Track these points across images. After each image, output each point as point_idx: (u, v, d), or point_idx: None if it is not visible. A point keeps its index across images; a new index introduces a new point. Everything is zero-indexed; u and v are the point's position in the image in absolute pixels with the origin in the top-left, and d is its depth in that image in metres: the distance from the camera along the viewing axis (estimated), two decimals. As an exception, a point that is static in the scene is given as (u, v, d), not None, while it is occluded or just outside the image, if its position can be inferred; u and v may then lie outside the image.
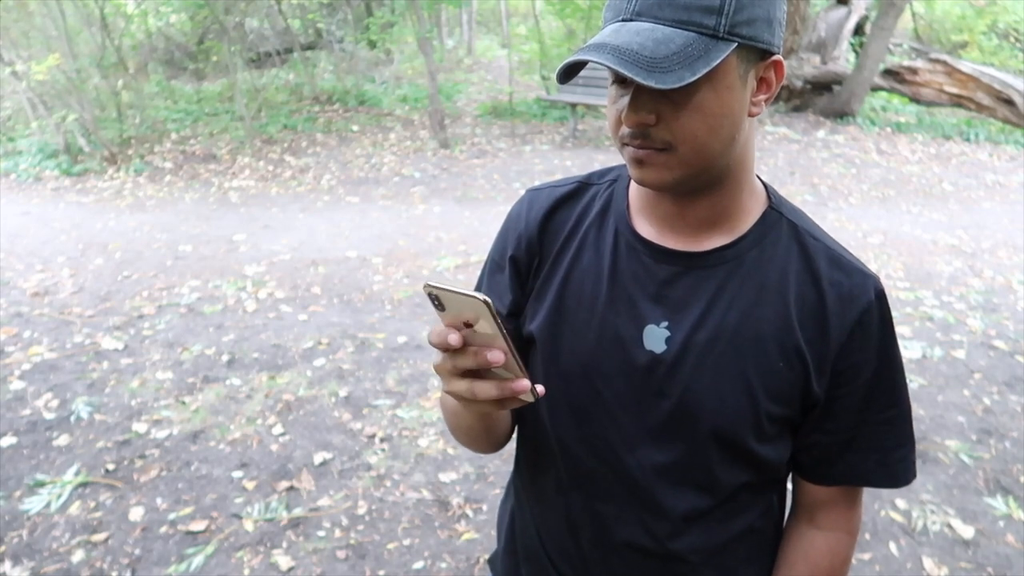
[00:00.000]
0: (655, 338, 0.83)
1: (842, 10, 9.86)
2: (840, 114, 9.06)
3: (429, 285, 0.65)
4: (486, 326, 0.65)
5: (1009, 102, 8.45)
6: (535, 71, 10.99)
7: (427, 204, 6.47)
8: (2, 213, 6.24)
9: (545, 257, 0.90)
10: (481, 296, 0.63)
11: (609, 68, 0.69)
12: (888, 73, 9.13)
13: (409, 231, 5.68)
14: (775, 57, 0.75)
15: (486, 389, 0.68)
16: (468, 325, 0.67)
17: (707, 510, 0.86)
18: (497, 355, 0.66)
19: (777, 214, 0.85)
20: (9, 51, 8.17)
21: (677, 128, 0.72)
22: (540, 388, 0.69)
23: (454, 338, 0.66)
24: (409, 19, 9.80)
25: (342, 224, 5.88)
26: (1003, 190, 6.97)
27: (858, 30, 10.31)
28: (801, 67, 9.32)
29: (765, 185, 0.88)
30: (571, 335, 0.87)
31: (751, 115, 0.77)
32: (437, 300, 0.66)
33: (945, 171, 7.55)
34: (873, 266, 4.86)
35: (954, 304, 4.28)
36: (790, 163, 7.60)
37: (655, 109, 0.72)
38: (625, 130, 0.76)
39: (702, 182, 0.79)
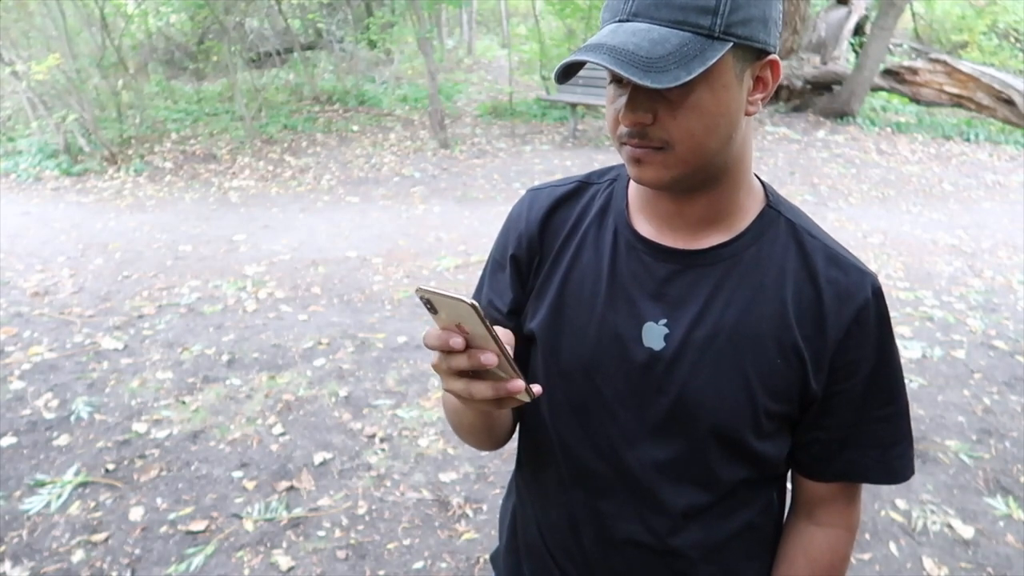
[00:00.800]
0: (654, 336, 0.83)
1: (842, 10, 9.87)
2: (840, 114, 9.06)
3: (421, 289, 0.67)
4: (476, 328, 0.67)
5: (1009, 102, 8.45)
6: (535, 71, 11.00)
7: (427, 204, 6.47)
8: (2, 213, 6.24)
9: (545, 256, 0.91)
10: (469, 300, 0.64)
11: (606, 68, 0.70)
12: (888, 73, 9.13)
13: (409, 231, 5.69)
14: (771, 56, 0.76)
15: (482, 389, 0.69)
16: (460, 328, 0.68)
17: (707, 506, 0.86)
18: (490, 357, 0.67)
19: (775, 212, 0.85)
20: (9, 51, 8.16)
21: (674, 127, 0.73)
22: (537, 388, 0.70)
23: (457, 340, 0.67)
24: (409, 19, 9.80)
25: (342, 224, 5.88)
26: (1003, 190, 6.97)
27: (858, 30, 10.32)
28: (801, 67, 9.32)
29: (763, 184, 0.88)
30: (571, 333, 0.87)
31: (748, 114, 0.77)
32: (429, 303, 0.68)
33: (945, 171, 7.55)
34: (873, 266, 4.86)
35: (954, 304, 4.28)
36: (790, 163, 7.61)
37: (652, 108, 0.73)
38: (623, 129, 0.76)
39: (699, 180, 0.79)
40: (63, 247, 5.37)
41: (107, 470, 2.75)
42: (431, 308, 0.68)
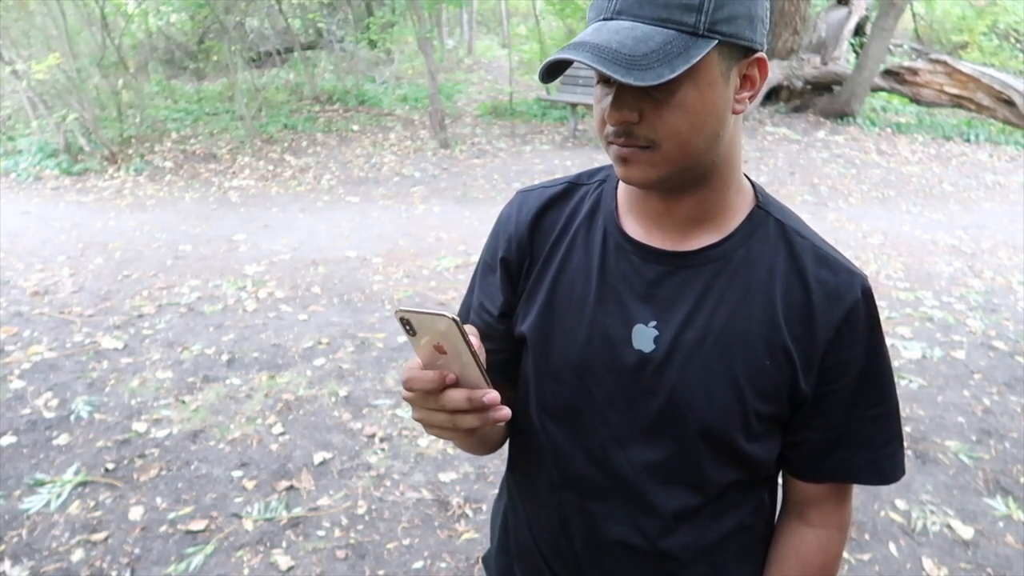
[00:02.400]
0: (644, 337, 0.83)
1: (842, 10, 9.86)
2: (840, 114, 9.06)
3: (400, 310, 0.66)
4: (456, 344, 0.66)
5: (1009, 103, 8.44)
6: (535, 71, 10.99)
7: (427, 204, 6.47)
8: (2, 213, 6.25)
9: (535, 258, 0.91)
10: (450, 314, 0.64)
11: (588, 66, 0.70)
12: (888, 73, 9.13)
13: (409, 231, 5.69)
14: (758, 54, 0.75)
15: (470, 420, 0.69)
16: (439, 348, 0.67)
17: (697, 508, 0.86)
18: (493, 395, 0.67)
19: (764, 212, 0.85)
20: (9, 51, 8.17)
21: (660, 125, 0.73)
22: (505, 412, 0.70)
23: (451, 377, 0.68)
24: (409, 19, 9.80)
25: (342, 224, 5.88)
26: (1003, 190, 6.97)
27: (858, 30, 10.31)
28: (801, 67, 9.32)
29: (753, 183, 0.88)
30: (561, 335, 0.87)
31: (735, 112, 0.77)
32: (408, 324, 0.66)
33: (945, 171, 7.55)
34: (873, 266, 4.86)
35: (954, 304, 4.28)
36: (790, 163, 7.60)
37: (638, 107, 0.73)
38: (609, 128, 0.76)
39: (687, 179, 0.79)
40: (63, 246, 5.38)
41: (107, 469, 2.75)
42: (410, 330, 0.67)
